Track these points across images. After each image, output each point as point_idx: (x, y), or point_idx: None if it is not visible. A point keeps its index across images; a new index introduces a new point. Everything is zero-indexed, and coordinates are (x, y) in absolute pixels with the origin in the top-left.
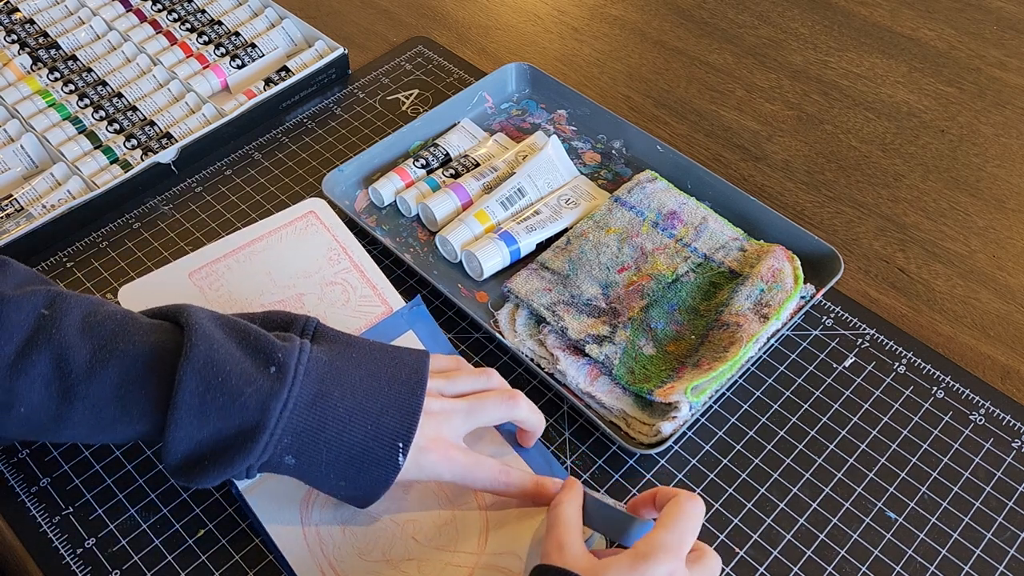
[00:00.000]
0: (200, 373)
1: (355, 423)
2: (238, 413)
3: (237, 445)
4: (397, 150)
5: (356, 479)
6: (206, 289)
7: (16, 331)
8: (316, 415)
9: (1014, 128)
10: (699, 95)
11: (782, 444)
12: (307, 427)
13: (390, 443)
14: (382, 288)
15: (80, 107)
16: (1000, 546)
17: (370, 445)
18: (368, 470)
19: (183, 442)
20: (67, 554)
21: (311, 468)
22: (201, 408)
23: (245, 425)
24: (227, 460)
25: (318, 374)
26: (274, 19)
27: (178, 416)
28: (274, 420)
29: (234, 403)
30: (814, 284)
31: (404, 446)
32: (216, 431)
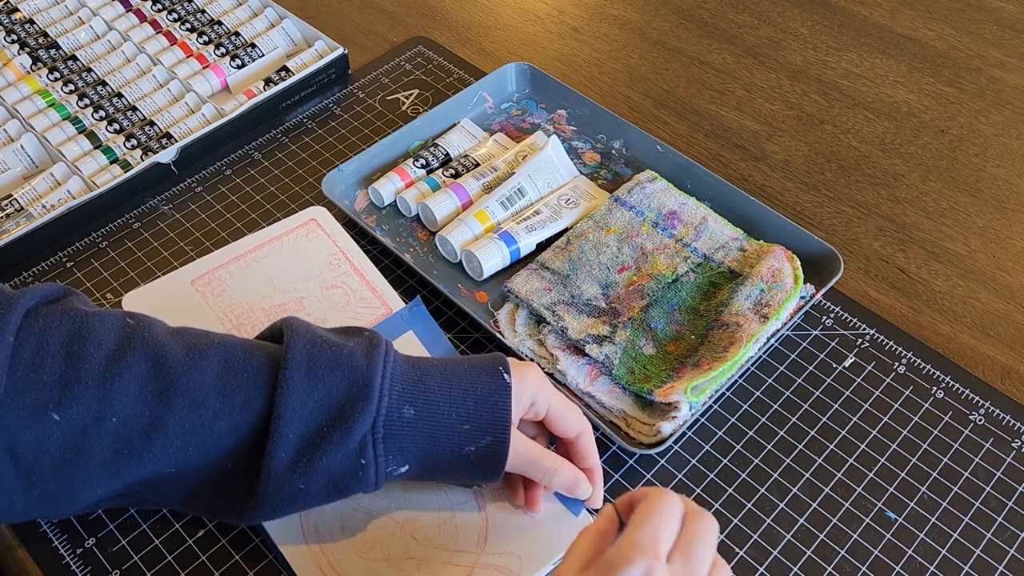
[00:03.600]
0: (304, 337)
1: (453, 365)
2: (348, 362)
3: (353, 398)
4: (397, 150)
5: (476, 413)
6: (208, 295)
7: (105, 339)
8: (416, 366)
9: (1014, 128)
10: (699, 95)
11: (782, 444)
12: (412, 375)
13: (492, 369)
14: (382, 290)
15: (80, 107)
16: (1000, 546)
17: (476, 376)
18: (484, 400)
19: (296, 411)
20: (67, 554)
21: (431, 414)
22: (310, 366)
23: (355, 373)
24: (346, 420)
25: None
26: (274, 19)
27: (289, 378)
28: (380, 362)
29: (341, 353)
30: (814, 284)
31: (504, 367)
32: (328, 388)
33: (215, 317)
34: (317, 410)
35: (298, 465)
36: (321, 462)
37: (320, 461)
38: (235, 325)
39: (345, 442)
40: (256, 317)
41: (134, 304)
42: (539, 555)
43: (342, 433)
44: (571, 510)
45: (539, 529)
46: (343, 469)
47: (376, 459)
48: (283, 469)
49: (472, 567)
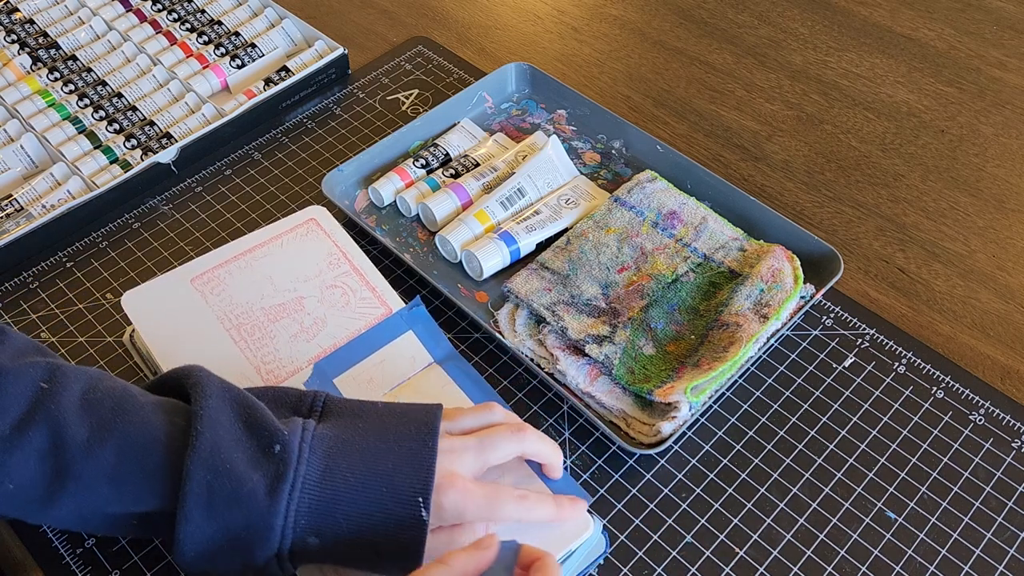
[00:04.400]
0: (207, 462)
1: (369, 489)
2: (246, 502)
3: (251, 535)
4: (397, 150)
5: (385, 547)
6: (208, 294)
7: (14, 404)
8: (327, 490)
9: (1014, 128)
10: (699, 95)
11: (782, 444)
12: (320, 503)
13: (410, 500)
14: (382, 290)
15: (80, 107)
16: (1000, 546)
17: (389, 507)
18: (396, 536)
19: (194, 538)
20: (67, 554)
21: (337, 545)
22: (209, 500)
23: (255, 514)
24: (244, 552)
25: (324, 450)
26: (274, 19)
27: (187, 511)
28: (283, 503)
29: (241, 490)
30: (814, 284)
31: (424, 500)
32: (226, 523)
33: (214, 316)
34: (216, 539)
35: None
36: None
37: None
38: (234, 324)
39: (248, 565)
40: (255, 316)
41: (133, 303)
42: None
43: (243, 559)
44: None
45: (540, 527)
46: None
47: (282, 569)
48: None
49: None
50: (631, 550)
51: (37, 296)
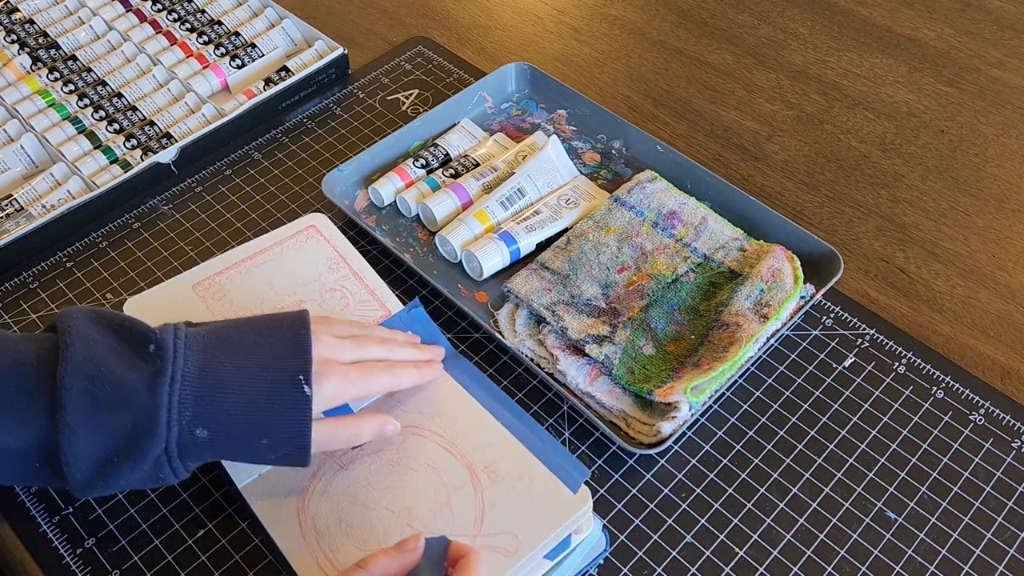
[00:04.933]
0: (81, 370)
1: (251, 374)
2: (128, 400)
3: (139, 433)
4: (397, 150)
5: (274, 430)
6: (209, 300)
7: None
8: (209, 380)
9: (1014, 128)
10: (699, 95)
11: (782, 444)
12: (203, 393)
13: (291, 379)
14: (380, 293)
15: (80, 107)
16: (1000, 546)
17: (273, 389)
18: (281, 416)
19: (82, 448)
20: (67, 554)
21: (226, 435)
22: (92, 407)
23: (139, 410)
24: (134, 452)
25: (199, 345)
26: (274, 19)
27: (68, 419)
28: (165, 395)
29: (121, 390)
30: (814, 284)
31: (305, 377)
32: (111, 426)
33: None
34: (103, 445)
35: (96, 482)
36: (118, 482)
37: (117, 482)
38: None
39: (138, 467)
40: None
41: (137, 308)
42: (536, 532)
43: (133, 461)
44: (569, 486)
45: (536, 507)
46: (142, 480)
47: (173, 471)
48: (83, 483)
49: None
50: (631, 550)
51: (37, 296)
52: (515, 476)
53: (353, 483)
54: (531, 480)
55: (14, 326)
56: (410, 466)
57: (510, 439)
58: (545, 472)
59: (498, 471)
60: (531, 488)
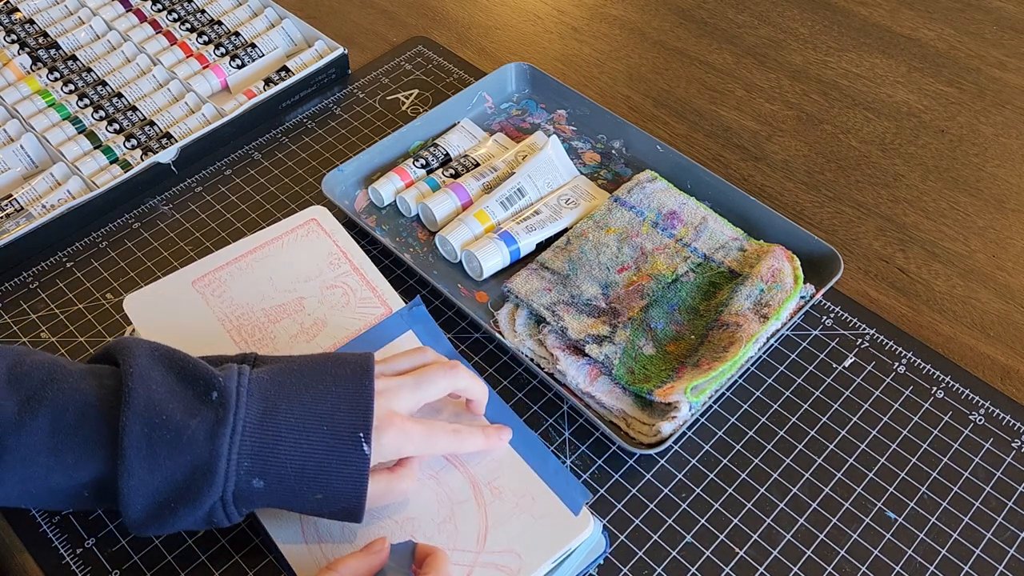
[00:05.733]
0: (142, 416)
1: (310, 427)
2: (188, 447)
3: (196, 480)
4: (397, 150)
5: (329, 485)
6: (209, 296)
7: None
8: (269, 430)
9: (1014, 128)
10: (699, 95)
11: (782, 444)
12: (262, 444)
13: (350, 436)
14: (382, 290)
15: (80, 107)
16: (1000, 546)
17: (331, 444)
18: (338, 471)
19: (139, 491)
20: (67, 554)
21: (282, 486)
22: (150, 451)
23: (198, 458)
24: (191, 498)
25: (261, 392)
26: (274, 19)
27: (128, 464)
28: (226, 445)
29: (181, 437)
30: (814, 284)
31: (365, 435)
32: (170, 472)
33: (215, 318)
34: (160, 489)
35: (152, 523)
36: (174, 525)
37: (172, 524)
38: (235, 326)
39: (193, 512)
40: (256, 317)
41: (135, 306)
42: (539, 552)
43: (189, 507)
44: (571, 508)
45: (539, 527)
46: (195, 524)
47: (228, 516)
48: (139, 522)
49: (472, 566)
50: (631, 550)
51: (37, 296)
52: (518, 494)
53: None
54: (533, 498)
55: (14, 326)
56: None
57: (512, 455)
58: (547, 491)
59: (501, 487)
60: (533, 507)
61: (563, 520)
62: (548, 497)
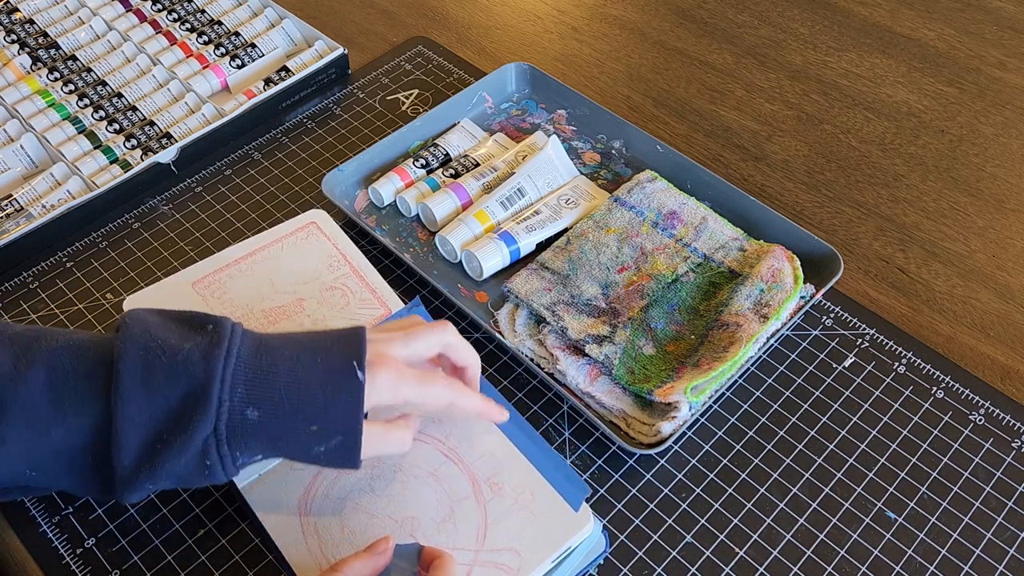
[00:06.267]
0: (138, 342)
1: (304, 359)
2: (183, 369)
3: (190, 405)
4: (397, 150)
5: (325, 415)
6: (209, 297)
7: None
8: (263, 360)
9: (1014, 128)
10: (699, 95)
11: (782, 444)
12: (256, 371)
13: (344, 365)
14: (381, 291)
15: (80, 107)
16: (1000, 546)
17: (324, 375)
18: (334, 401)
19: (134, 421)
20: (67, 554)
21: (277, 418)
22: (145, 375)
23: (192, 380)
24: (184, 426)
25: (253, 334)
26: (274, 19)
27: (124, 390)
28: (219, 366)
29: (176, 358)
30: (814, 284)
31: (359, 363)
32: (165, 397)
33: None
34: (155, 418)
35: (143, 469)
36: (165, 466)
37: (164, 465)
38: None
39: (187, 447)
40: (256, 319)
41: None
42: (538, 550)
43: (183, 439)
44: (571, 504)
45: (539, 524)
46: (188, 470)
47: (221, 460)
48: (129, 472)
49: (471, 564)
50: (631, 550)
51: (37, 296)
52: (517, 490)
53: (355, 488)
54: (533, 495)
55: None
56: (413, 473)
57: (512, 450)
58: (547, 487)
59: (500, 483)
60: (533, 504)
61: (563, 517)
62: (548, 493)
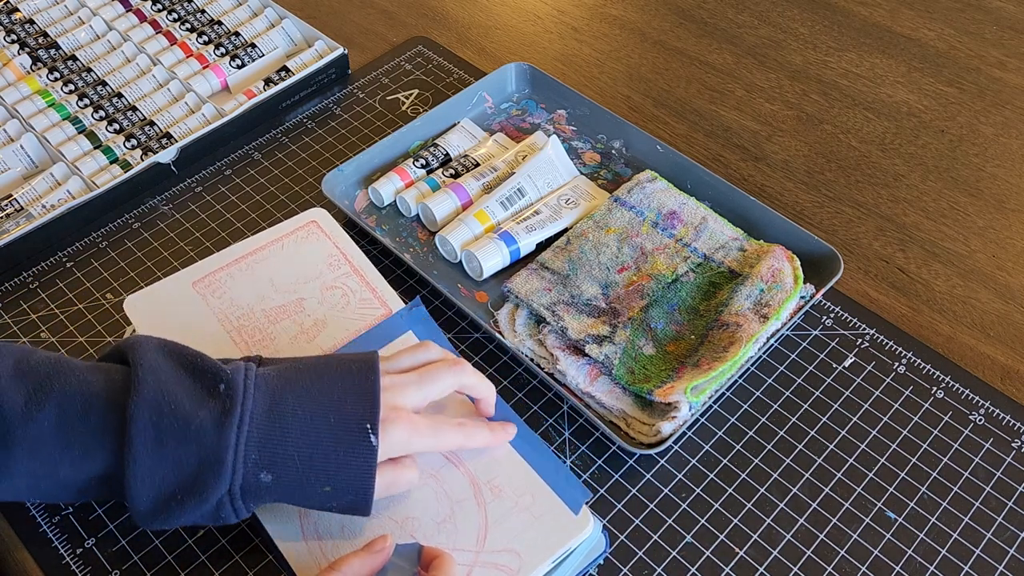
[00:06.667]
0: (151, 404)
1: (317, 419)
2: (195, 437)
3: (204, 472)
4: (397, 150)
5: (337, 477)
6: (209, 297)
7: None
8: (276, 422)
9: (1014, 128)
10: (699, 95)
11: (782, 444)
12: (270, 436)
13: (358, 428)
14: (381, 291)
15: (80, 107)
16: (1000, 546)
17: (338, 435)
18: (346, 463)
19: (145, 482)
20: (67, 554)
21: (290, 480)
22: (157, 440)
23: (205, 449)
24: (198, 491)
25: (267, 386)
26: (274, 19)
27: (134, 453)
28: (232, 436)
29: (189, 427)
30: (814, 284)
31: (372, 426)
32: (177, 463)
33: (215, 319)
34: (167, 480)
35: (157, 517)
36: (179, 518)
37: (178, 517)
38: (235, 327)
39: (201, 506)
40: (256, 319)
41: (136, 307)
42: (538, 552)
43: (197, 500)
44: (571, 507)
45: (539, 526)
46: (204, 519)
47: (235, 511)
48: (142, 517)
49: (471, 565)
50: (631, 550)
51: (37, 296)
52: (518, 492)
53: None
54: (533, 497)
55: (14, 326)
56: None
57: (512, 454)
58: (547, 490)
59: (500, 486)
60: (533, 506)
61: (563, 519)
62: (548, 496)
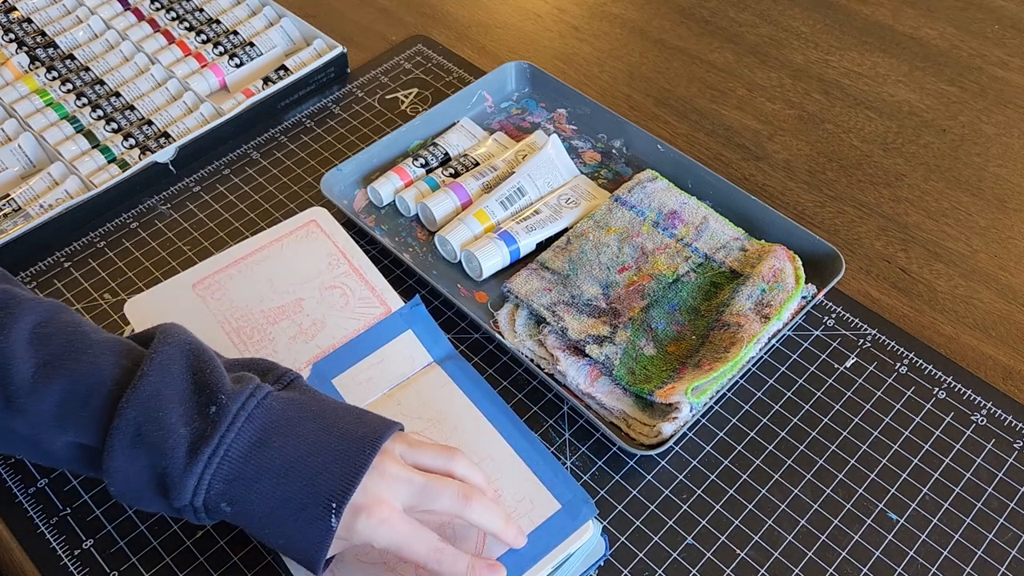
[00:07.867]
0: (142, 404)
1: (292, 477)
2: (168, 452)
3: (167, 484)
4: (396, 149)
5: (293, 537)
6: (209, 299)
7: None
8: (251, 465)
9: (1016, 127)
10: (700, 94)
11: (783, 445)
12: (240, 476)
13: (324, 503)
14: (381, 290)
15: (78, 106)
16: (1001, 547)
17: (304, 503)
18: (301, 532)
19: (117, 474)
20: (65, 555)
21: (248, 519)
22: (133, 440)
23: (173, 467)
24: (162, 496)
25: (263, 422)
26: (272, 18)
27: (111, 444)
28: (201, 466)
29: (166, 441)
30: (815, 284)
31: (338, 507)
32: (145, 466)
33: (215, 320)
34: (135, 478)
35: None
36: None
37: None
38: (235, 328)
39: (166, 508)
40: (255, 319)
41: (136, 310)
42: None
43: (160, 503)
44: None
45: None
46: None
47: (198, 520)
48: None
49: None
50: (631, 551)
51: None
52: (517, 496)
53: None
54: (532, 501)
55: None
56: None
57: (512, 457)
58: (547, 494)
59: (500, 490)
60: (532, 510)
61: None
62: (547, 500)
